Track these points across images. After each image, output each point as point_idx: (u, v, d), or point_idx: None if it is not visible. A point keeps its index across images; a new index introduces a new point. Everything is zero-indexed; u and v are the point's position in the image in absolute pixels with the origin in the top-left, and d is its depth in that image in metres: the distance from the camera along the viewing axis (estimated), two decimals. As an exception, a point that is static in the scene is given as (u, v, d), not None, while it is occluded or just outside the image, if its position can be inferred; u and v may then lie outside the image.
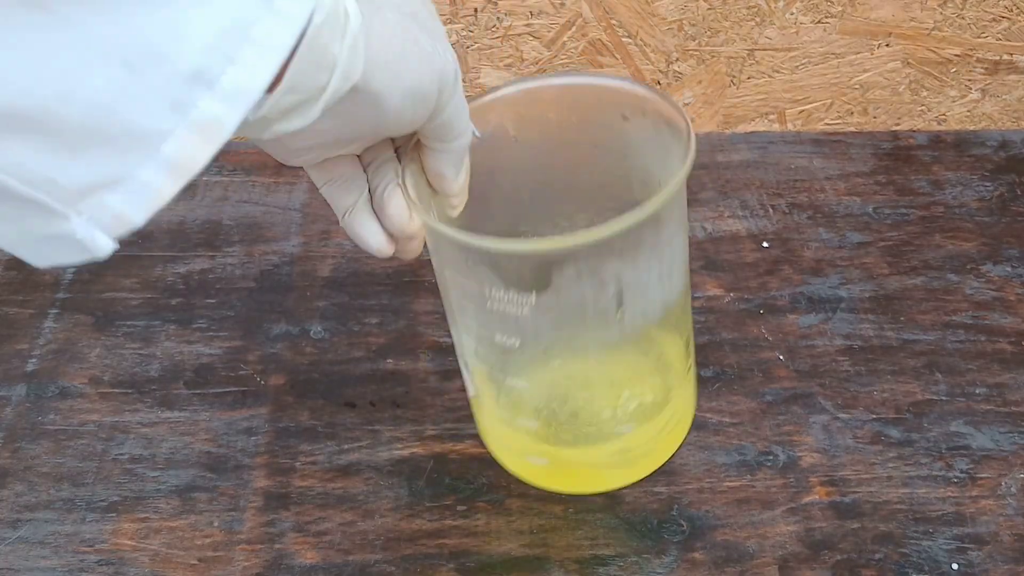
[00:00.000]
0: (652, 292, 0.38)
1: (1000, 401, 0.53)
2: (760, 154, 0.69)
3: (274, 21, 0.26)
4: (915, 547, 0.46)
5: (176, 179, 0.26)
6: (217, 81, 0.25)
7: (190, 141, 0.25)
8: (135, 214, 0.26)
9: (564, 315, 0.37)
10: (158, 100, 0.24)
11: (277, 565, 0.44)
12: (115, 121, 0.24)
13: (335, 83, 0.28)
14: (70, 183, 0.25)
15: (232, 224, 0.61)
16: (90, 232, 0.26)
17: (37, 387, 0.51)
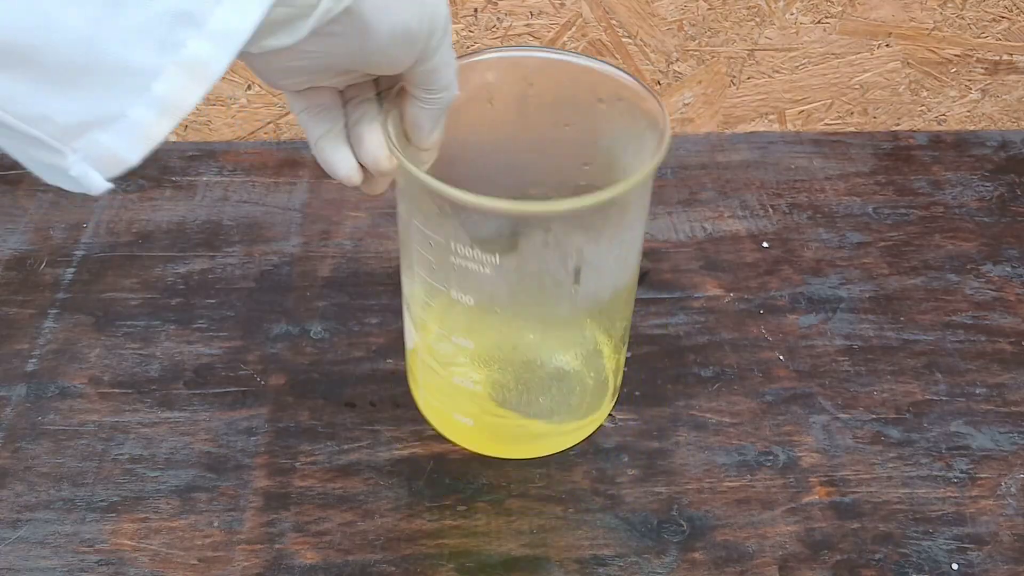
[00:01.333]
0: (607, 273, 0.39)
1: (1000, 401, 0.53)
2: (760, 154, 0.69)
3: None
4: (915, 547, 0.46)
5: (168, 118, 0.26)
6: (205, 21, 0.25)
7: (180, 80, 0.25)
8: (128, 153, 0.26)
9: (523, 281, 0.38)
10: (144, 37, 0.25)
11: (277, 565, 0.44)
12: (102, 57, 0.24)
13: (326, 2, 0.28)
14: (62, 119, 0.25)
15: (232, 224, 0.61)
16: (83, 169, 0.26)
17: (37, 387, 0.51)
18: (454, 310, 0.39)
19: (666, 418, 0.51)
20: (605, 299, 0.41)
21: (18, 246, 0.59)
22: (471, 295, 0.37)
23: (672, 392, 0.52)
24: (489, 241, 0.35)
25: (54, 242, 0.60)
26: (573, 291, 0.39)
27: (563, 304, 0.40)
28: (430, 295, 0.39)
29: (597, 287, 0.40)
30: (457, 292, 0.38)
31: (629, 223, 0.38)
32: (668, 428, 0.51)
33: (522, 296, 0.39)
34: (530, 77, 0.40)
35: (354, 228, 0.61)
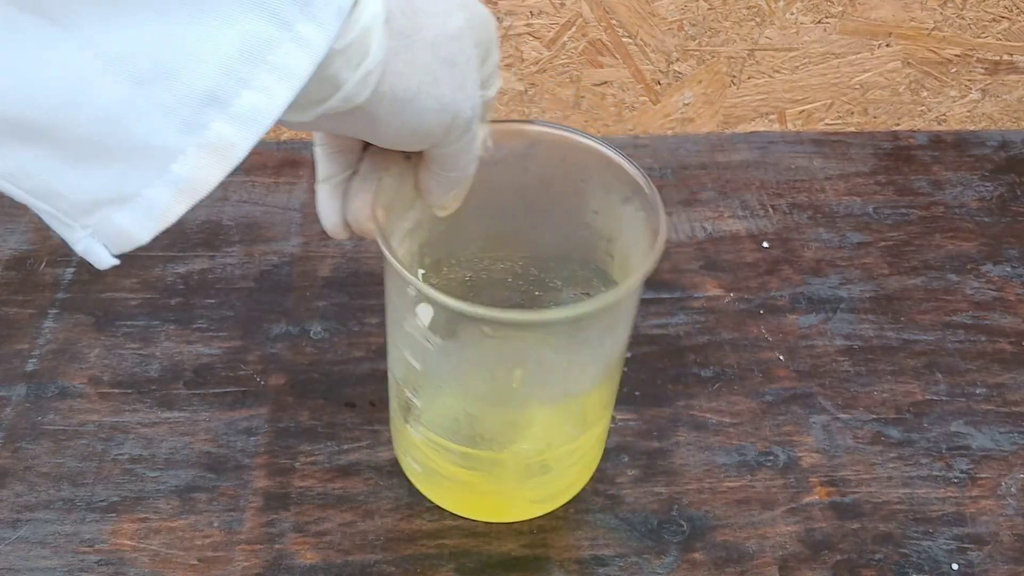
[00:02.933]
0: (554, 380, 0.39)
1: (1000, 401, 0.53)
2: (760, 154, 0.69)
3: (294, 46, 0.25)
4: (915, 547, 0.46)
5: (185, 199, 0.25)
6: (231, 103, 0.24)
7: (201, 162, 0.25)
8: (140, 232, 0.26)
9: (463, 366, 0.38)
10: (169, 118, 0.24)
11: (277, 565, 0.44)
12: (124, 136, 0.24)
13: (334, 102, 0.28)
14: (76, 197, 0.24)
15: (232, 224, 0.61)
16: (91, 246, 0.26)
17: (37, 387, 0.51)
18: (407, 368, 0.39)
19: (666, 418, 0.51)
20: (555, 402, 0.40)
21: (18, 246, 0.59)
22: (418, 361, 0.38)
23: (672, 392, 0.52)
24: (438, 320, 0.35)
25: (54, 242, 0.60)
26: (514, 386, 0.39)
27: (504, 394, 0.39)
28: (394, 346, 0.39)
29: (544, 392, 0.39)
30: (408, 354, 0.38)
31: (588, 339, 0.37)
32: (668, 428, 0.51)
33: (463, 377, 0.39)
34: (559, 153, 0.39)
35: (354, 228, 0.61)
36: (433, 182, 0.35)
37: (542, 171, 0.40)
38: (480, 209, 0.38)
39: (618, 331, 0.38)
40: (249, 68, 0.24)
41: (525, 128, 0.39)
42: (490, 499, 0.44)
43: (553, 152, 0.39)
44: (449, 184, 0.35)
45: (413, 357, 0.38)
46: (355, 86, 0.28)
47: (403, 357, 0.38)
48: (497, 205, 0.40)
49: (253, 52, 0.24)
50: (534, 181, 0.40)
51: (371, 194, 0.35)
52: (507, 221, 0.41)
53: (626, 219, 0.38)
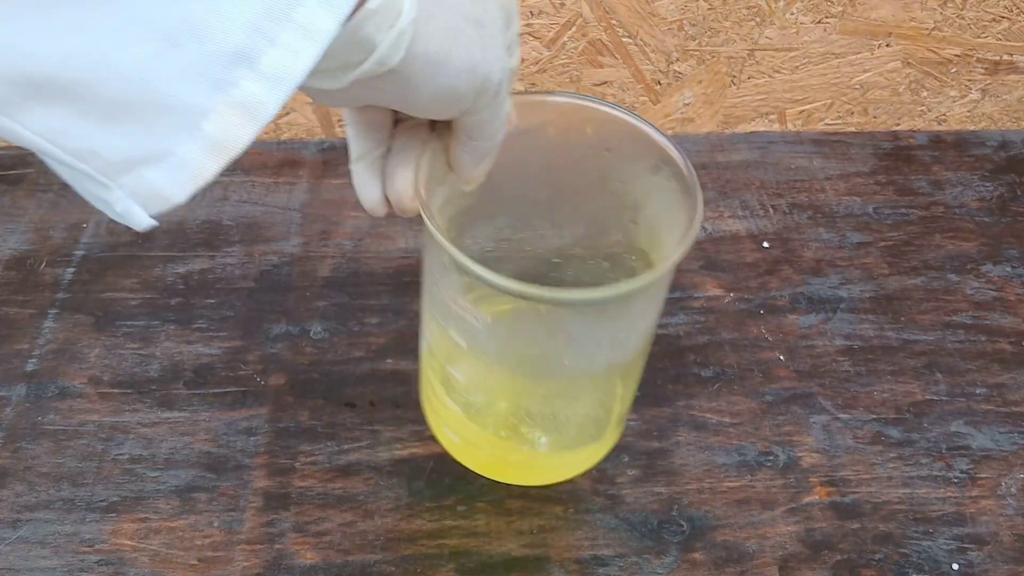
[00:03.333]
0: (600, 351, 0.39)
1: (1000, 401, 0.53)
2: (760, 154, 0.69)
3: (318, 4, 0.25)
4: (915, 547, 0.46)
5: (217, 158, 0.25)
6: (258, 61, 0.25)
7: (231, 120, 0.25)
8: (176, 191, 0.26)
9: (512, 344, 0.38)
10: (198, 76, 0.24)
11: (277, 565, 0.44)
12: (154, 95, 0.24)
13: (368, 65, 0.28)
14: (111, 156, 0.25)
15: (232, 224, 0.61)
16: (127, 205, 0.26)
17: (37, 387, 0.51)
18: (452, 345, 0.39)
19: (666, 418, 0.51)
20: (599, 371, 0.41)
21: (18, 246, 0.59)
22: (464, 339, 0.38)
23: (672, 392, 0.52)
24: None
25: (54, 242, 0.60)
26: (563, 361, 0.39)
27: (552, 367, 0.40)
28: (437, 325, 0.39)
29: (589, 361, 0.40)
30: (454, 332, 0.38)
31: (633, 311, 0.38)
32: (668, 428, 0.51)
33: (511, 354, 0.39)
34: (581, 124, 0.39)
35: (354, 228, 0.61)
36: (464, 153, 0.36)
37: (566, 142, 0.39)
38: (504, 182, 0.38)
39: (659, 301, 0.39)
40: (275, 26, 0.25)
41: (547, 99, 0.39)
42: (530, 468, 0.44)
43: (576, 123, 0.39)
44: (480, 154, 0.36)
45: (459, 334, 0.37)
46: (389, 47, 0.28)
47: (446, 335, 0.38)
48: (521, 178, 0.40)
49: (278, 10, 0.25)
50: (557, 152, 0.40)
51: (411, 171, 0.35)
52: (531, 193, 0.41)
53: (654, 188, 0.38)
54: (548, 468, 0.45)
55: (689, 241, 0.34)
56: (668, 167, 0.37)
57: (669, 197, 0.37)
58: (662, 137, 0.38)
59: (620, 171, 0.40)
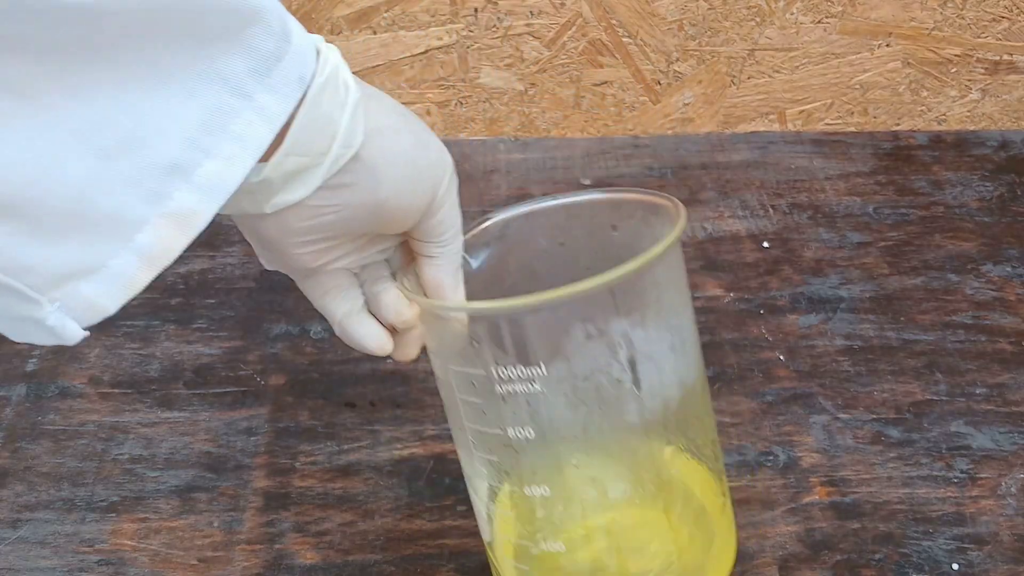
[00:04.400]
0: (665, 362, 0.36)
1: (1000, 401, 0.53)
2: (760, 154, 0.69)
3: (254, 115, 0.26)
4: (915, 547, 0.46)
5: (150, 268, 0.26)
6: (194, 173, 0.25)
7: (165, 231, 0.26)
8: (108, 302, 0.26)
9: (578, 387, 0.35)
10: (133, 190, 0.24)
11: (277, 565, 0.44)
12: (90, 209, 0.24)
13: (336, 149, 0.29)
14: (45, 271, 0.24)
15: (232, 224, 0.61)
16: (61, 320, 0.26)
17: (37, 387, 0.51)
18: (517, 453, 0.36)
19: (666, 418, 0.51)
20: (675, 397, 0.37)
21: (18, 246, 0.59)
22: (529, 426, 0.34)
23: (672, 392, 0.52)
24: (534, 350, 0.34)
25: (54, 242, 0.60)
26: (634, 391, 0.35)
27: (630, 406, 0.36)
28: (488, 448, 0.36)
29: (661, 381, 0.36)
30: (512, 428, 0.35)
31: (669, 303, 0.36)
32: (668, 428, 0.51)
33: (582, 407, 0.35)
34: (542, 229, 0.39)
35: (354, 228, 0.61)
36: (439, 269, 0.36)
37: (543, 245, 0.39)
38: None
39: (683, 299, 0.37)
40: (211, 138, 0.25)
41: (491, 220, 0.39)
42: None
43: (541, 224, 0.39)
44: (452, 264, 0.36)
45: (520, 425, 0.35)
46: (348, 124, 0.29)
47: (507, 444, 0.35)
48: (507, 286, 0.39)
49: (215, 122, 0.25)
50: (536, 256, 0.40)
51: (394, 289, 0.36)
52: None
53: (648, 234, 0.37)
54: None
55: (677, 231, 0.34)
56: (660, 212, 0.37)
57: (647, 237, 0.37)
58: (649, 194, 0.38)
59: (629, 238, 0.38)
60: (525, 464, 0.36)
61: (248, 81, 0.25)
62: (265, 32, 0.26)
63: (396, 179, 0.31)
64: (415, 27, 0.64)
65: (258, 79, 0.26)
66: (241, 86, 0.25)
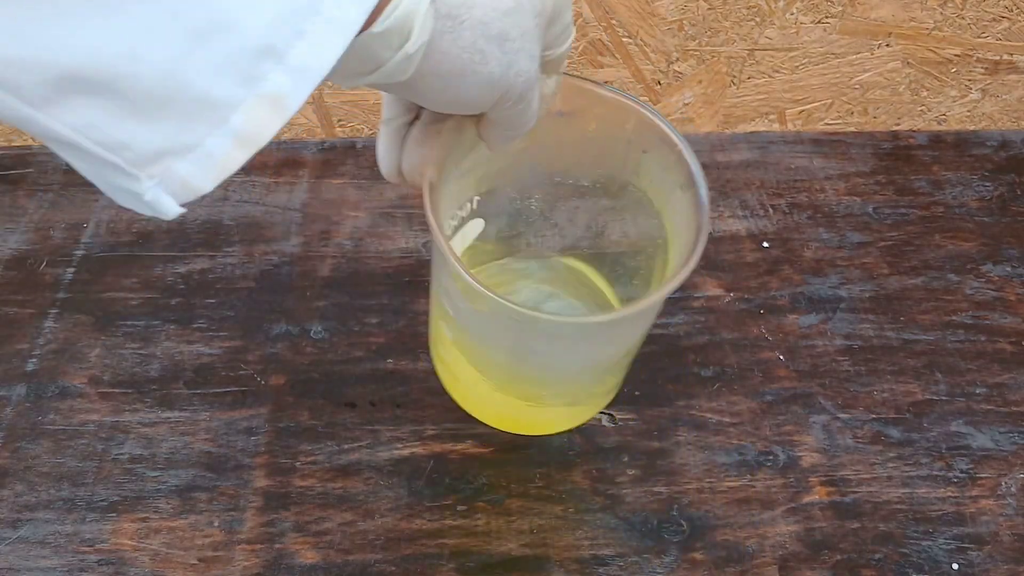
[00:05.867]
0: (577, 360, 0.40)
1: (1000, 401, 0.53)
2: (760, 154, 0.69)
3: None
4: (915, 547, 0.46)
5: (244, 149, 0.26)
6: (286, 55, 0.25)
7: (259, 113, 0.25)
8: (203, 182, 0.26)
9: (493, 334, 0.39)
10: (227, 71, 0.25)
11: (277, 565, 0.44)
12: (184, 90, 0.24)
13: (375, 78, 0.29)
14: (140, 147, 0.25)
15: (232, 224, 0.61)
16: (157, 195, 0.26)
17: (37, 387, 0.51)
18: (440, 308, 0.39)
19: (666, 418, 0.51)
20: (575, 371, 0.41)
21: (18, 246, 0.59)
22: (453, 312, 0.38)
23: (672, 392, 0.52)
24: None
25: (54, 242, 0.60)
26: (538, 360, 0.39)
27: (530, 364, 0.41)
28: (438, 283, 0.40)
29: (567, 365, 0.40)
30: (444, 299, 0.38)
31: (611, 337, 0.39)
32: (668, 428, 0.51)
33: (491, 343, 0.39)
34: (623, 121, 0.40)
35: (354, 228, 0.61)
36: (492, 135, 0.35)
37: (606, 133, 0.40)
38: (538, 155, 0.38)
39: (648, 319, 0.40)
40: (303, 20, 0.25)
41: (597, 90, 0.39)
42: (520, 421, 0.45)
43: (619, 119, 0.39)
44: (507, 138, 0.36)
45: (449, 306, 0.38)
46: (396, 65, 0.28)
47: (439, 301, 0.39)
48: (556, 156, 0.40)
49: (307, 4, 0.25)
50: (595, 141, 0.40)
51: (428, 148, 0.35)
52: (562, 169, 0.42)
53: (677, 204, 0.39)
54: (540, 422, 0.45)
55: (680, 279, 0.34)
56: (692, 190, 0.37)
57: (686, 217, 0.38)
58: (694, 160, 0.38)
59: (650, 177, 0.40)
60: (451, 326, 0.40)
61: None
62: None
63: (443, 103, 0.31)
64: (415, 27, 0.64)
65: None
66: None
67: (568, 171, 0.43)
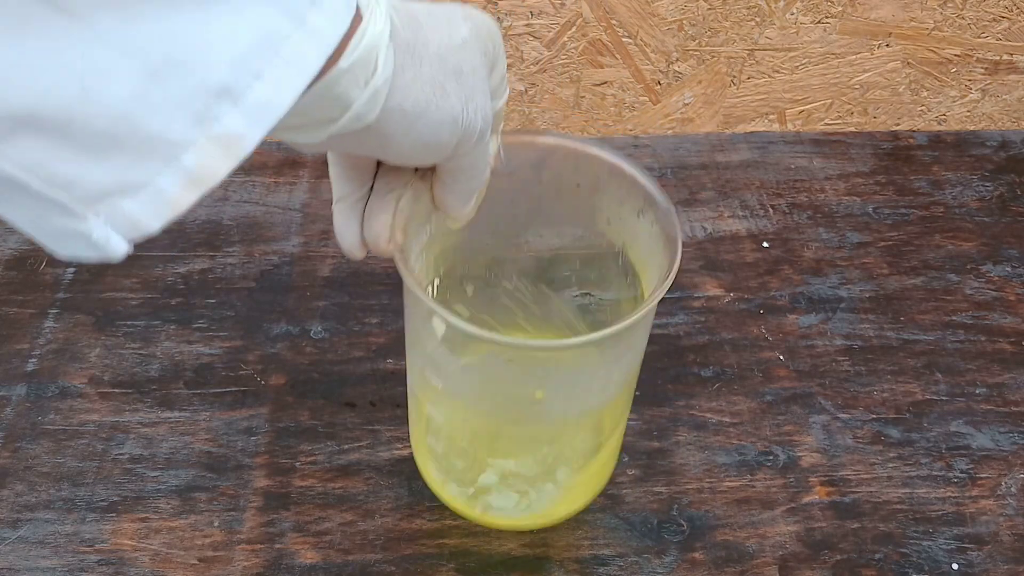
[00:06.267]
0: (574, 398, 0.39)
1: (1000, 401, 0.53)
2: (760, 154, 0.69)
3: (305, 38, 0.25)
4: (915, 547, 0.46)
5: (194, 190, 0.25)
6: (243, 96, 0.25)
7: (211, 153, 0.25)
8: (150, 221, 0.26)
9: (485, 387, 0.38)
10: (181, 110, 0.24)
11: (277, 565, 0.44)
12: (136, 128, 0.24)
13: (344, 121, 0.28)
14: (88, 185, 0.24)
15: (232, 224, 0.61)
16: (105, 233, 0.25)
17: (37, 387, 0.52)
18: (429, 386, 0.39)
19: (666, 418, 0.51)
20: (574, 416, 0.40)
21: (18, 246, 0.59)
22: (439, 380, 0.38)
23: (672, 392, 0.52)
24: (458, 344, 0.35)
25: (54, 242, 0.59)
26: (536, 405, 0.39)
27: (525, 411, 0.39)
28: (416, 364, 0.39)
29: (564, 407, 0.39)
30: (430, 373, 0.38)
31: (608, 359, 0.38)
32: (668, 428, 0.51)
33: (485, 397, 0.39)
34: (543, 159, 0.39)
35: (354, 228, 0.61)
36: (449, 195, 0.35)
37: (555, 181, 0.40)
38: (492, 219, 0.38)
39: (636, 345, 0.39)
40: (261, 61, 0.25)
41: (536, 139, 0.39)
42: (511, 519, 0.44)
43: (565, 162, 0.39)
44: (465, 195, 0.35)
45: (434, 375, 0.38)
46: (364, 104, 0.28)
47: (423, 375, 0.38)
48: (510, 214, 0.40)
49: (265, 45, 0.25)
50: (547, 191, 0.40)
51: (389, 215, 0.35)
52: (519, 229, 0.42)
53: (640, 231, 0.38)
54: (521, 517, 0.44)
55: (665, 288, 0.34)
56: (652, 210, 0.37)
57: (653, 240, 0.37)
58: (648, 180, 0.38)
59: (608, 211, 0.40)
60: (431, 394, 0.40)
61: (299, 2, 0.25)
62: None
63: (407, 147, 0.31)
64: (415, 27, 0.64)
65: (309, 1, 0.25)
66: (291, 6, 0.25)
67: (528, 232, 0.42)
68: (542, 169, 0.39)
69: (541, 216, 0.41)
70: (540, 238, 0.42)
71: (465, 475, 0.42)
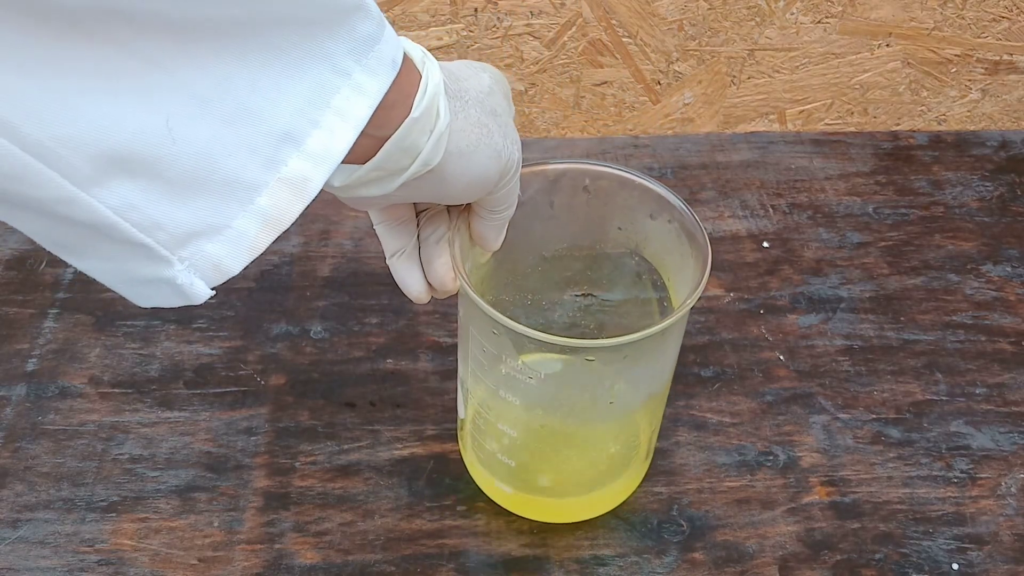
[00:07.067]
0: (643, 387, 0.42)
1: (1000, 401, 0.53)
2: (760, 154, 0.69)
3: (352, 92, 0.28)
4: (915, 547, 0.46)
5: (269, 231, 0.28)
6: (303, 142, 0.27)
7: (282, 195, 0.28)
8: (232, 262, 0.28)
9: (564, 394, 0.41)
10: (253, 154, 0.26)
11: (277, 565, 0.44)
12: (215, 171, 0.26)
13: (415, 168, 0.31)
14: (175, 228, 0.26)
15: (232, 224, 0.61)
16: (189, 278, 0.27)
17: (37, 387, 0.51)
18: (503, 405, 0.41)
19: (666, 418, 0.51)
20: (639, 405, 0.43)
21: (18, 246, 0.59)
22: (517, 397, 0.40)
23: (672, 392, 0.52)
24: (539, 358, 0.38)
25: (54, 242, 0.60)
26: (610, 404, 0.42)
27: (599, 411, 0.42)
28: (484, 390, 0.41)
29: (633, 399, 0.42)
30: (504, 392, 0.40)
31: (667, 346, 0.40)
32: (668, 428, 0.51)
33: (563, 405, 0.42)
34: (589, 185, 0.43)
35: (354, 228, 0.61)
36: (487, 228, 0.39)
37: (568, 202, 0.43)
38: (515, 245, 0.41)
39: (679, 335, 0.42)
40: (317, 110, 0.27)
41: (546, 167, 0.42)
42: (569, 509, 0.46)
43: (575, 183, 0.42)
44: (500, 226, 0.39)
45: (510, 393, 0.40)
46: (431, 150, 0.31)
47: (497, 396, 0.41)
48: (531, 239, 0.43)
49: (319, 96, 0.27)
50: (560, 211, 0.43)
51: (447, 257, 0.38)
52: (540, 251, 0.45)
53: (653, 231, 0.42)
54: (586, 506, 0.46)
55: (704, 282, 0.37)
56: (665, 212, 0.41)
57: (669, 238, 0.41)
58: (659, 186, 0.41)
59: (620, 219, 0.43)
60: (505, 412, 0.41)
61: (347, 61, 0.28)
62: (365, 18, 0.28)
63: (463, 184, 0.34)
64: (415, 27, 0.64)
65: (354, 59, 0.28)
66: (339, 64, 0.28)
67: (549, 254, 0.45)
68: (553, 193, 0.42)
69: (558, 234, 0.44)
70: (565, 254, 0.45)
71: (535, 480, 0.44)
